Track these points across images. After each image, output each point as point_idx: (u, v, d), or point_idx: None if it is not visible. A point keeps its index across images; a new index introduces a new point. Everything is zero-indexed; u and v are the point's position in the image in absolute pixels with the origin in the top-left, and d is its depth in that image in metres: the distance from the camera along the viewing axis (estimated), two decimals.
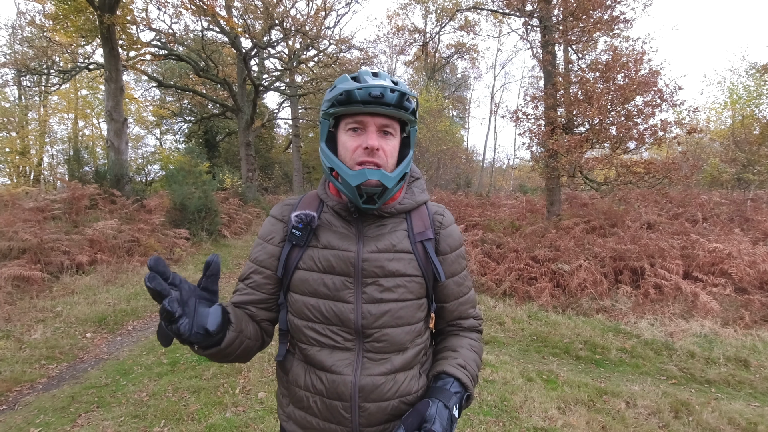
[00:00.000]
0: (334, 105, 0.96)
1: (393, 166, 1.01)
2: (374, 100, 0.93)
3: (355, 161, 0.97)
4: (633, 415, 3.11)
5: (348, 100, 0.94)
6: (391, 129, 0.98)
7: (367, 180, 0.94)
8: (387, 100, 0.93)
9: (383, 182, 0.95)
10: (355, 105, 0.94)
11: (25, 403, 3.16)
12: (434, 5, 23.27)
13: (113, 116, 9.88)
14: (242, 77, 16.09)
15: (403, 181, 1.04)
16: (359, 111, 0.95)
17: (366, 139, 0.96)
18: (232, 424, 2.83)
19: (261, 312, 1.09)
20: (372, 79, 0.97)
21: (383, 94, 0.92)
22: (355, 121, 0.97)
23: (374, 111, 0.94)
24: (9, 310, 4.68)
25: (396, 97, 0.94)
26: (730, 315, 4.95)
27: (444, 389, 0.96)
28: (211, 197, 9.93)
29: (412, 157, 1.05)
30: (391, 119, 0.98)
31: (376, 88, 0.92)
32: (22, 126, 18.58)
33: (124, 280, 6.23)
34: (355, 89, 0.92)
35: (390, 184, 0.96)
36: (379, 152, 0.96)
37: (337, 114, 0.98)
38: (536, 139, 8.96)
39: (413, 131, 1.05)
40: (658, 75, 7.60)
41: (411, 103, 0.98)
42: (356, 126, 0.97)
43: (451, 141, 18.79)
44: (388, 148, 0.98)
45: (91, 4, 9.21)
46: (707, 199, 9.53)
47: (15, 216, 6.67)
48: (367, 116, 0.96)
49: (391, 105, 0.94)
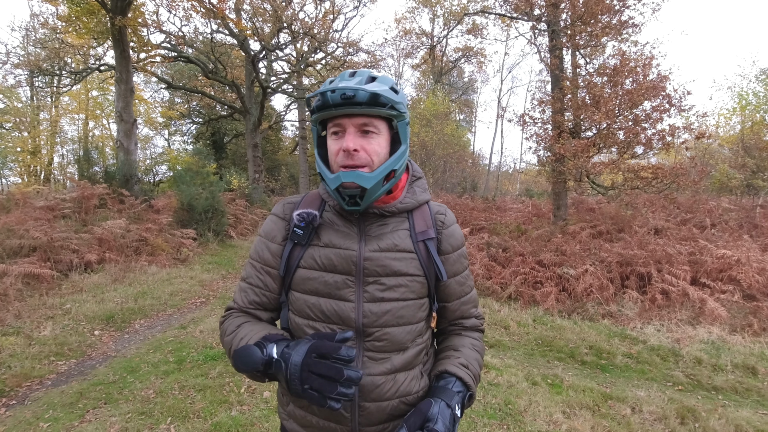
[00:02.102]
0: (314, 111, 0.97)
1: (380, 165, 0.98)
2: (345, 102, 0.91)
3: (338, 164, 0.97)
4: (638, 420, 3.09)
5: (324, 105, 0.94)
6: (371, 128, 0.96)
7: (342, 183, 0.95)
8: (358, 100, 0.91)
9: (360, 183, 0.94)
10: (329, 109, 0.93)
11: (35, 398, 3.20)
12: (442, 9, 23.35)
13: (123, 117, 10.00)
14: (250, 79, 16.21)
15: (395, 179, 1.02)
16: (334, 114, 0.94)
17: (344, 141, 0.95)
18: (237, 422, 2.85)
19: (264, 312, 1.10)
20: (345, 80, 0.95)
21: (354, 94, 0.90)
22: (334, 124, 0.97)
23: (347, 112, 0.93)
24: (19, 307, 4.75)
25: (367, 95, 0.91)
26: (738, 322, 4.90)
27: (446, 388, 0.95)
28: (218, 198, 10.00)
29: (403, 153, 1.01)
30: (371, 117, 0.95)
31: (347, 89, 0.90)
32: (34, 126, 18.84)
33: (132, 279, 6.30)
34: (328, 92, 0.91)
35: (368, 185, 0.94)
36: (359, 153, 0.95)
37: (318, 119, 0.98)
38: (543, 143, 8.94)
39: (401, 126, 1.00)
40: (666, 80, 7.56)
41: (390, 98, 0.94)
42: (337, 129, 0.97)
43: (457, 144, 18.80)
44: (370, 147, 0.96)
45: (103, 7, 9.35)
46: (716, 205, 9.45)
47: (26, 214, 6.77)
48: (344, 118, 0.95)
49: (362, 104, 0.91)
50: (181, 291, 6.20)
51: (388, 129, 0.99)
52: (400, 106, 0.96)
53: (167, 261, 7.42)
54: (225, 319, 1.09)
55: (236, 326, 1.03)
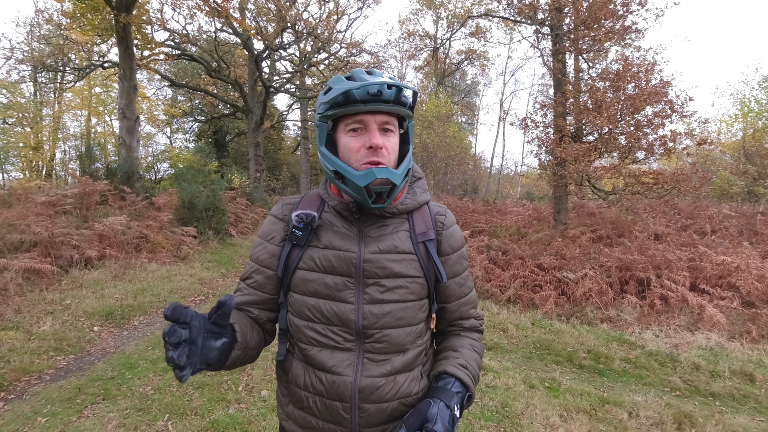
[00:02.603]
0: (332, 107, 0.95)
1: (395, 163, 1.00)
2: (373, 98, 0.91)
3: (360, 162, 0.96)
4: (635, 425, 3.09)
5: (347, 101, 0.92)
6: (391, 126, 0.97)
7: (376, 179, 0.93)
8: (386, 97, 0.91)
9: (392, 179, 0.94)
10: (355, 105, 0.92)
11: (33, 393, 3.21)
12: (446, 11, 23.42)
13: (126, 114, 10.03)
14: (253, 78, 16.25)
15: (408, 178, 1.03)
16: (359, 110, 0.93)
17: (369, 138, 0.95)
18: (234, 420, 2.86)
19: (263, 313, 1.09)
20: (368, 77, 0.95)
21: (381, 91, 0.91)
22: (355, 121, 0.96)
23: (374, 109, 0.93)
24: (19, 302, 4.76)
25: (394, 93, 0.92)
26: (737, 328, 4.90)
27: (445, 389, 0.95)
28: (219, 196, 10.02)
29: (411, 154, 1.03)
30: (390, 116, 0.96)
31: (374, 85, 0.91)
32: (37, 122, 18.90)
33: (132, 275, 6.31)
34: (354, 89, 0.90)
35: (398, 181, 0.95)
36: (383, 150, 0.95)
37: (336, 116, 0.97)
38: (544, 147, 8.95)
39: (411, 126, 1.03)
40: (669, 86, 7.57)
41: (408, 98, 0.96)
42: (357, 126, 0.96)
43: (459, 147, 18.78)
44: (389, 146, 0.97)
45: (108, 4, 9.38)
46: (716, 212, 9.46)
47: (27, 210, 6.78)
48: (367, 115, 0.94)
49: (390, 102, 0.93)
50: (181, 288, 6.21)
51: (398, 128, 1.01)
52: (412, 108, 0.99)
53: (167, 258, 7.43)
54: None
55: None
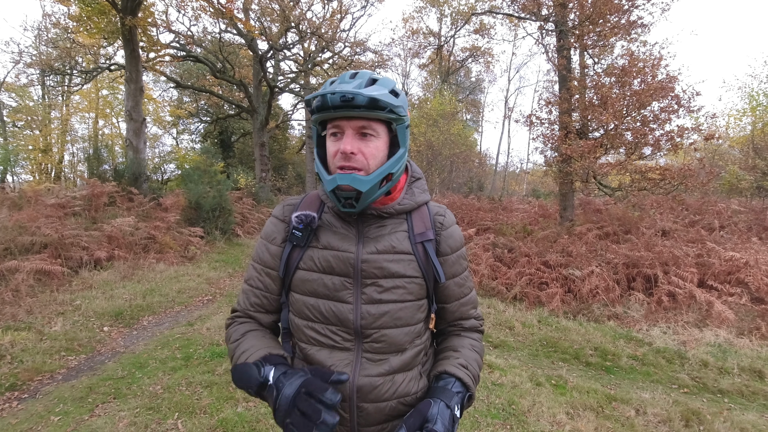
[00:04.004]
0: (314, 112, 0.96)
1: (376, 168, 0.98)
2: (344, 104, 0.90)
3: (335, 166, 0.97)
4: (642, 422, 3.08)
5: (323, 106, 0.92)
6: (370, 130, 0.95)
7: (338, 185, 0.94)
8: (357, 103, 0.89)
9: (355, 186, 0.93)
10: (328, 111, 0.93)
11: (46, 392, 3.27)
12: (449, 9, 23.32)
13: (132, 116, 10.13)
14: (258, 79, 16.31)
15: (392, 182, 1.02)
16: (333, 116, 0.94)
17: (342, 143, 0.95)
18: (243, 418, 2.89)
19: (266, 315, 1.11)
20: (345, 82, 0.94)
21: (354, 97, 0.89)
22: (333, 125, 0.97)
23: (345, 115, 0.93)
24: (31, 303, 4.84)
25: (366, 99, 0.89)
26: (746, 325, 4.86)
27: (446, 389, 0.95)
28: (225, 197, 10.09)
29: (401, 157, 1.01)
30: (369, 120, 0.95)
31: (343, 93, 0.89)
32: (45, 124, 19.14)
33: (140, 276, 6.38)
34: (328, 94, 0.90)
35: (364, 188, 0.94)
36: (357, 156, 0.95)
37: (317, 120, 0.99)
38: (550, 144, 8.90)
39: (400, 129, 0.99)
40: (675, 80, 7.49)
41: (389, 101, 0.92)
42: (335, 131, 0.97)
43: (464, 144, 18.76)
44: (367, 150, 0.96)
45: (113, 7, 9.47)
46: (725, 207, 9.37)
47: (37, 212, 6.89)
48: (343, 120, 0.94)
49: (362, 107, 0.90)
50: (189, 288, 6.27)
51: (387, 132, 0.99)
52: (399, 109, 0.95)
53: (175, 259, 7.51)
54: (230, 323, 1.12)
55: (240, 335, 1.05)
